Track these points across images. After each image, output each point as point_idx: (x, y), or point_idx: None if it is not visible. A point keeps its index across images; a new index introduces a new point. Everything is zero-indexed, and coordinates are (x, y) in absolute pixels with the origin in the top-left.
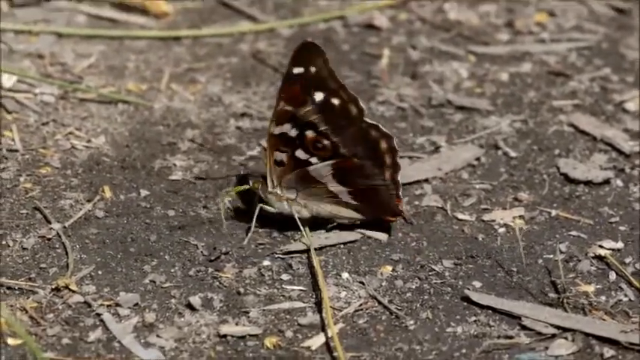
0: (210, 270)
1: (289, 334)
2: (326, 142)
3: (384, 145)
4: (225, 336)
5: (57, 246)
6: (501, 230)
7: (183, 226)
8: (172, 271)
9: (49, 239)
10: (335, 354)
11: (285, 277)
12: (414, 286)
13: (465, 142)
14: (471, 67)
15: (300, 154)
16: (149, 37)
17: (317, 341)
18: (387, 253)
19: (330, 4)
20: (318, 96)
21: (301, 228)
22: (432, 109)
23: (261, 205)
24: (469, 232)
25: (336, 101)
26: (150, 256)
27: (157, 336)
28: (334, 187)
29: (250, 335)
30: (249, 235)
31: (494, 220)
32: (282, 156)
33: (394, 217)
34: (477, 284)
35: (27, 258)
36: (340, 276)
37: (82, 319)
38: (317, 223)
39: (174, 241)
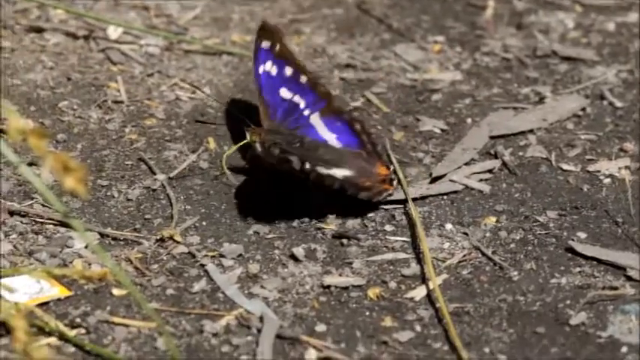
0: (313, 221)
1: (392, 285)
2: None
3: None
4: (328, 287)
5: (161, 197)
6: (607, 181)
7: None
8: (276, 222)
9: (153, 190)
10: (438, 305)
11: (388, 228)
12: (517, 237)
13: (571, 92)
14: (577, 17)
15: None
16: None
17: (420, 292)
18: (491, 204)
19: None
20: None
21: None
22: (537, 60)
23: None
24: (574, 183)
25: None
26: (253, 207)
27: (261, 287)
28: None
29: (354, 286)
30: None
31: (599, 171)
32: None
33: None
34: (582, 235)
35: (132, 209)
36: (444, 227)
37: (186, 269)
38: None
39: (277, 193)
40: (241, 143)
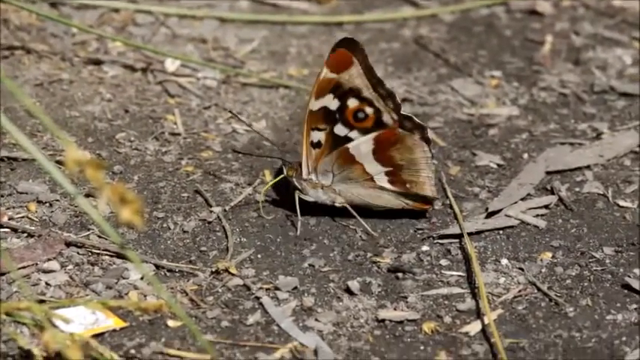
0: (368, 255)
1: (447, 319)
2: (368, 109)
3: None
4: (383, 320)
5: (217, 229)
6: None
7: (342, 210)
8: (331, 255)
9: (209, 222)
10: (493, 340)
11: (443, 262)
12: (573, 273)
13: (628, 128)
14: (635, 53)
15: (339, 129)
16: (311, 22)
17: (475, 327)
18: (547, 239)
19: None
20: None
21: (357, 217)
22: (595, 96)
23: (297, 193)
24: (630, 219)
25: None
26: (309, 240)
27: (316, 320)
28: (372, 167)
29: (408, 320)
30: (299, 225)
31: None
32: (319, 135)
33: (428, 204)
34: (638, 272)
35: (187, 241)
36: (499, 262)
37: (241, 302)
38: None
39: (333, 226)
40: (278, 178)
